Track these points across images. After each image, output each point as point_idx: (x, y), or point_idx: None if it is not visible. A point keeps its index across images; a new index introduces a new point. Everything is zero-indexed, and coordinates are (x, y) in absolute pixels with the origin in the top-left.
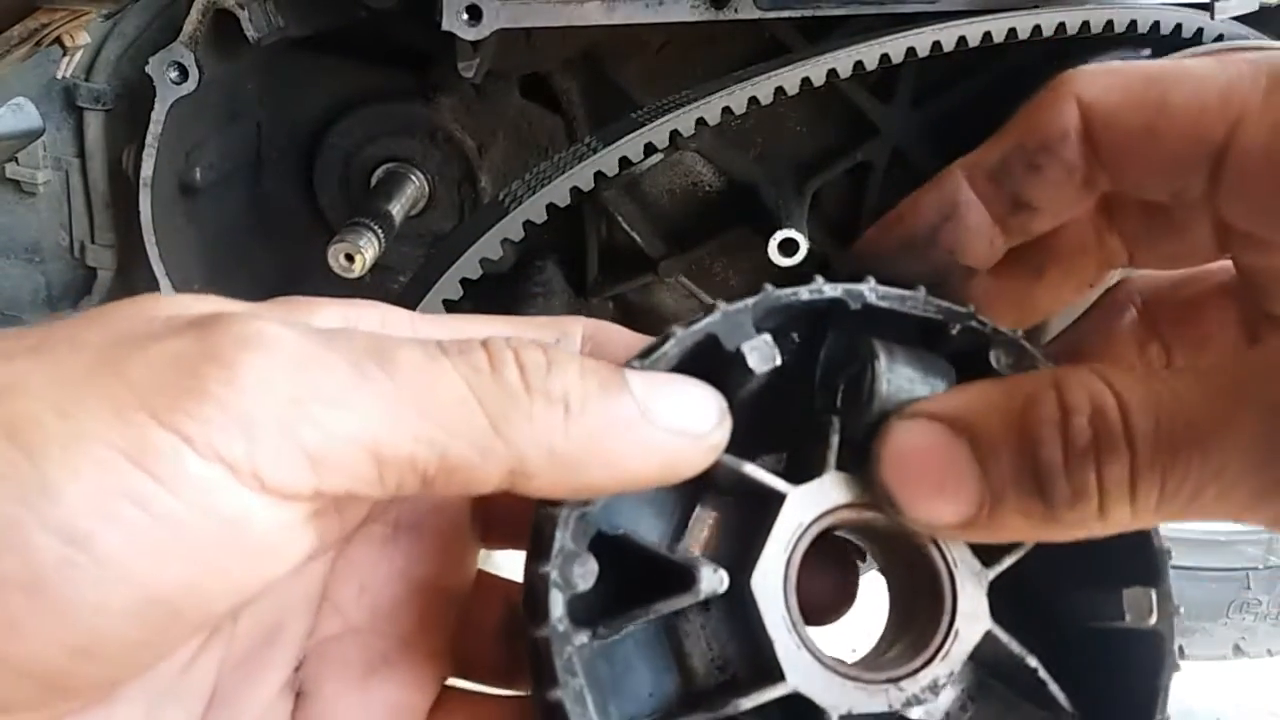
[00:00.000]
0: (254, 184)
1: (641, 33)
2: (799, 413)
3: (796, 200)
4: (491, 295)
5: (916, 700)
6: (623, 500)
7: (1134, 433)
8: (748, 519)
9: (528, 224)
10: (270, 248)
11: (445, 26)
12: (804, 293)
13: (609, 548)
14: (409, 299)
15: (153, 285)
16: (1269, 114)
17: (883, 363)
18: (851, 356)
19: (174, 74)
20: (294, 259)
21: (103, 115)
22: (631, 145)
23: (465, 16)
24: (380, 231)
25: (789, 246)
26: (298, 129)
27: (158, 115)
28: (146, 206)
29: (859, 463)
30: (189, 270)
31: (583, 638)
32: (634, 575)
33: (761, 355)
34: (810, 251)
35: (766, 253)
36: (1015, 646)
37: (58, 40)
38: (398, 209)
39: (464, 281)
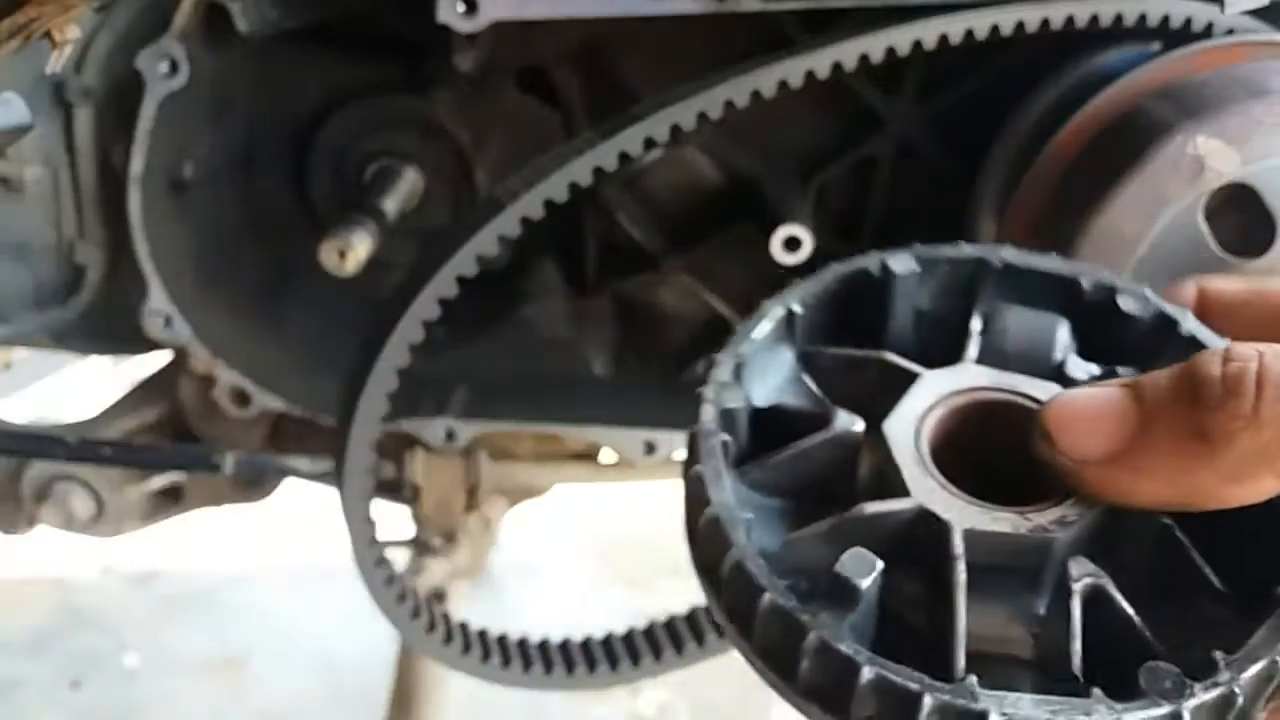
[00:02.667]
0: (245, 180)
1: (641, 25)
2: (942, 353)
3: (800, 196)
4: (488, 292)
5: (1044, 530)
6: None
7: None
8: (889, 401)
9: (525, 220)
10: (262, 244)
11: (440, 19)
12: (948, 249)
13: (759, 421)
14: (403, 297)
15: (142, 283)
16: None
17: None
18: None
19: (164, 68)
20: (286, 255)
21: (92, 110)
22: (631, 140)
23: (461, 8)
24: (374, 227)
25: (793, 243)
26: (290, 123)
27: (147, 110)
28: (135, 203)
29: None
30: (178, 267)
31: (727, 436)
32: (780, 437)
33: (903, 264)
34: (815, 248)
35: (770, 250)
36: (1148, 515)
37: (47, 34)
38: (392, 205)
39: (460, 279)
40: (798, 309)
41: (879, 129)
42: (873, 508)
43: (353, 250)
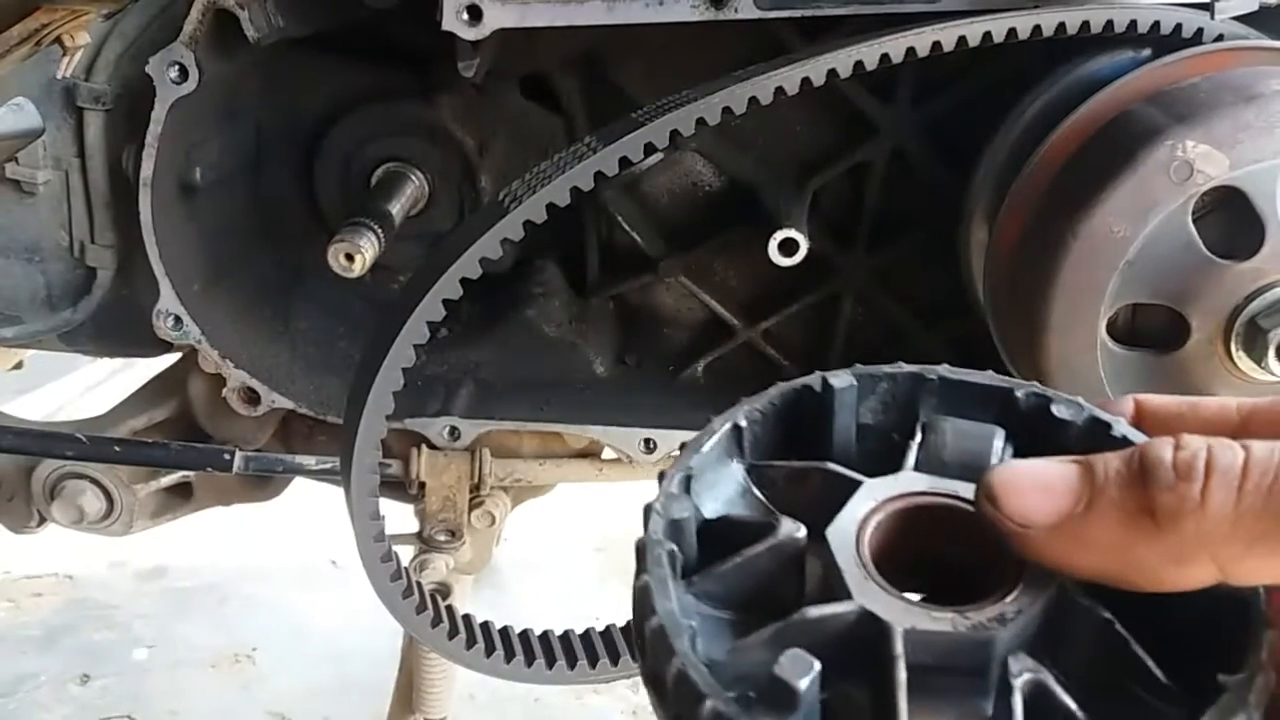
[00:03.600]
0: (254, 184)
1: (641, 32)
2: (884, 463)
3: (797, 200)
4: (491, 295)
5: (984, 628)
6: (720, 501)
7: (1252, 457)
8: (833, 509)
9: (528, 224)
10: (270, 247)
11: (445, 26)
12: (887, 368)
13: (708, 533)
14: (409, 298)
15: (152, 285)
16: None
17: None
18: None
19: (174, 74)
20: (294, 258)
21: (103, 115)
22: (631, 145)
23: (465, 16)
24: (380, 231)
25: (789, 246)
26: (298, 128)
27: (158, 115)
28: (146, 206)
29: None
30: (188, 270)
31: (673, 545)
32: (726, 548)
33: (841, 380)
34: (810, 251)
35: (767, 252)
36: (1087, 600)
37: (58, 40)
38: (398, 208)
39: (464, 281)
40: (744, 423)
41: (873, 135)
42: (815, 611)
43: (360, 253)
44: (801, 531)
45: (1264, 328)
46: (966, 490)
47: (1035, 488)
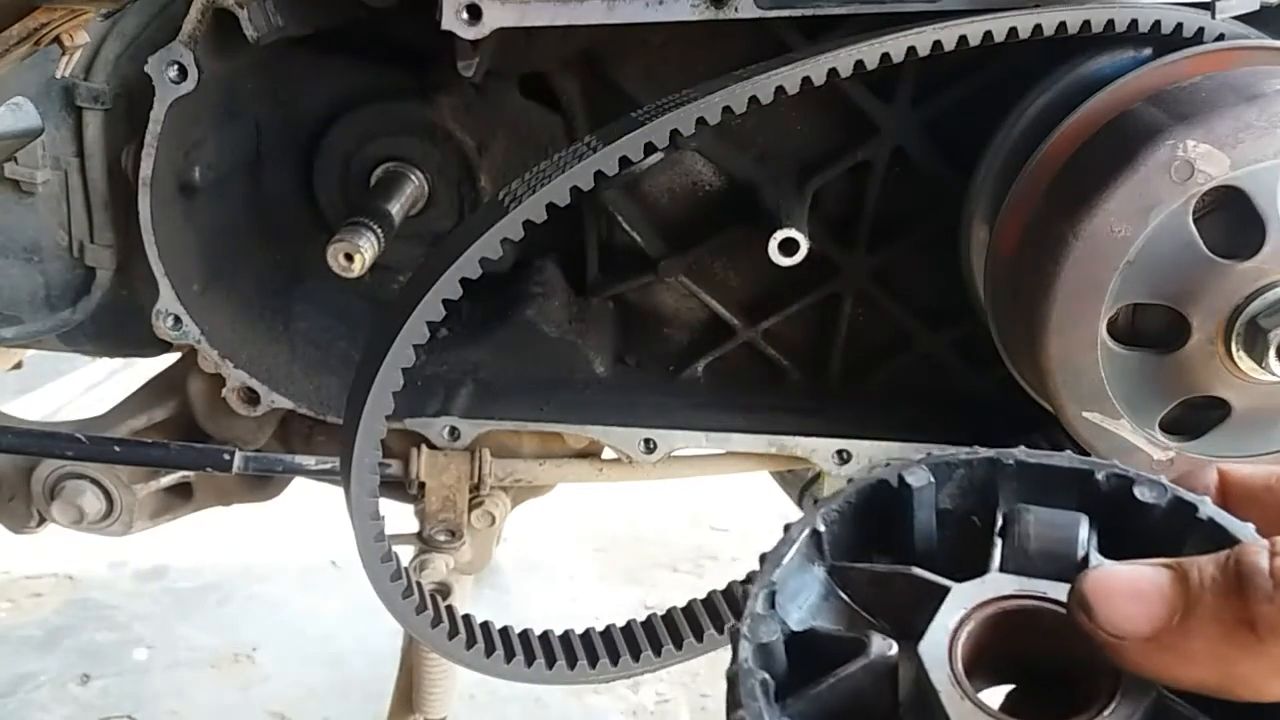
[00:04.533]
0: (253, 183)
1: (642, 32)
2: (967, 553)
3: (797, 199)
4: (491, 295)
5: None
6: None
7: None
8: (920, 614)
9: (528, 223)
10: (269, 247)
11: (445, 26)
12: (963, 453)
13: (797, 645)
14: (409, 298)
15: (152, 285)
16: None
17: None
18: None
19: (173, 73)
20: (293, 258)
21: (101, 114)
22: (631, 144)
23: (465, 15)
24: (380, 231)
25: (789, 246)
26: (297, 128)
27: (157, 114)
28: (146, 206)
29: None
30: (188, 270)
31: (765, 674)
32: (819, 666)
33: (918, 477)
34: (810, 251)
35: (767, 252)
36: (1189, 711)
37: (57, 39)
38: (397, 208)
39: (464, 281)
40: (822, 527)
41: (874, 134)
42: None
43: (360, 253)
44: (893, 649)
45: (1265, 328)
46: (1056, 590)
47: (1128, 596)
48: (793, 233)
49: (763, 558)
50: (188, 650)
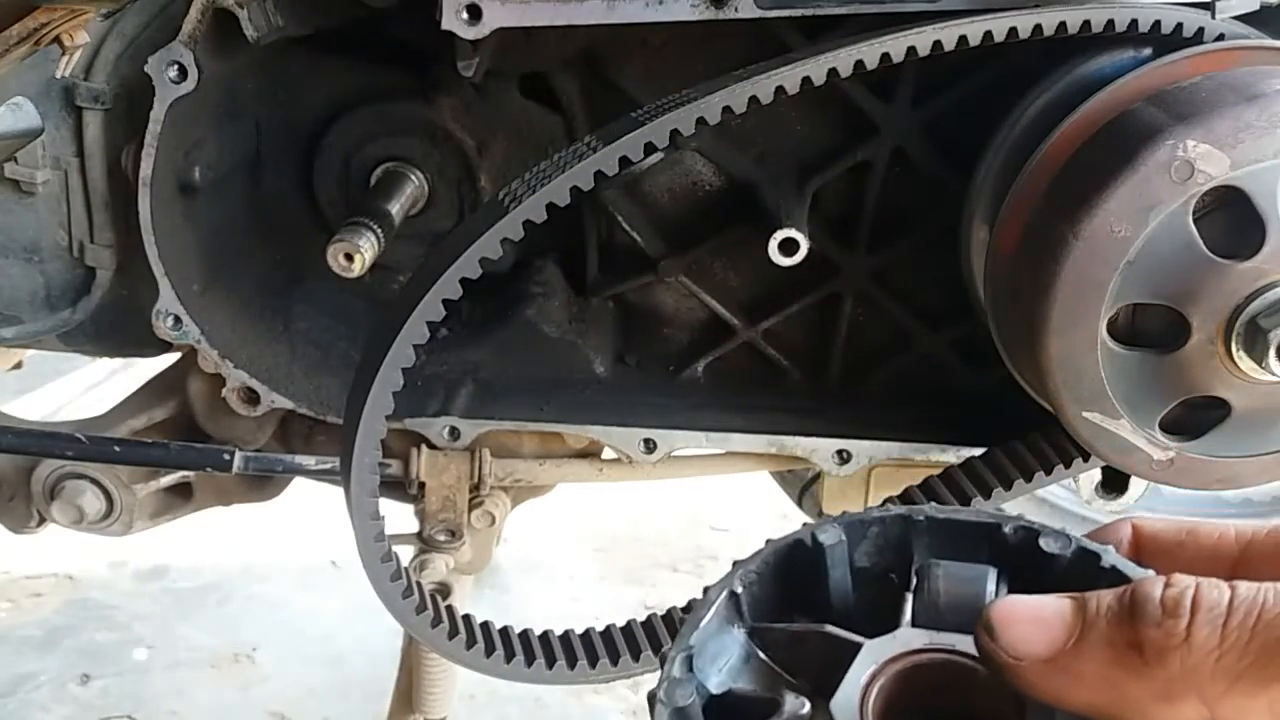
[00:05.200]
0: (253, 183)
1: (642, 32)
2: (882, 610)
3: (797, 199)
4: (491, 295)
5: None
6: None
7: (1236, 596)
8: (835, 671)
9: (527, 223)
10: (269, 247)
11: (445, 25)
12: (875, 510)
13: (715, 708)
14: (408, 298)
15: (152, 285)
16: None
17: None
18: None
19: (173, 73)
20: (293, 258)
21: (101, 114)
22: (631, 144)
23: (465, 15)
24: (380, 231)
25: (789, 246)
26: (297, 128)
27: (157, 114)
28: (145, 206)
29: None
30: (188, 270)
31: None
32: None
33: (830, 535)
34: (810, 251)
35: (767, 252)
36: None
37: (57, 39)
38: (397, 208)
39: (463, 281)
40: (740, 589)
41: (874, 134)
42: None
43: (360, 253)
44: (805, 708)
45: (1265, 328)
46: (964, 643)
47: (1029, 620)
48: (793, 233)
49: (680, 620)
50: (188, 650)
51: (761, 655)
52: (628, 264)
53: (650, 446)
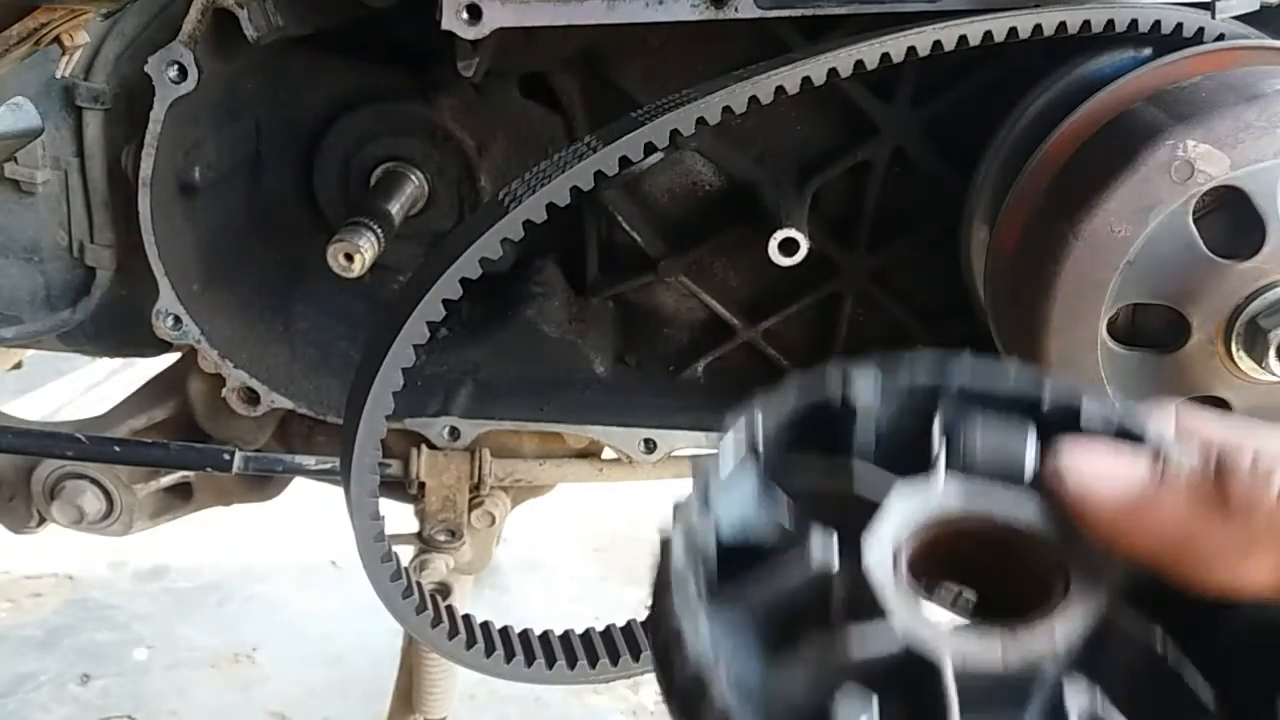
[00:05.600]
0: (253, 183)
1: (641, 32)
2: (907, 459)
3: (797, 199)
4: (491, 295)
5: (1033, 655)
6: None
7: None
8: (861, 515)
9: (527, 223)
10: (269, 247)
11: (445, 25)
12: (905, 372)
13: (730, 551)
14: (409, 298)
15: (152, 285)
16: None
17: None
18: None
19: (173, 73)
20: (293, 258)
21: (101, 114)
22: (631, 144)
23: (465, 15)
24: (380, 231)
25: (789, 246)
26: (297, 128)
27: (157, 114)
28: (145, 206)
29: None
30: (188, 270)
31: (697, 574)
32: (751, 565)
33: (864, 387)
34: (810, 251)
35: (767, 252)
36: (1138, 625)
37: (57, 39)
38: (397, 208)
39: (463, 281)
40: (760, 431)
41: (874, 134)
42: (856, 641)
43: (360, 253)
44: (833, 547)
45: (1264, 328)
46: (1002, 494)
47: (1105, 458)
48: (793, 233)
49: (695, 458)
50: (188, 650)
51: (779, 498)
52: (628, 264)
53: (650, 446)
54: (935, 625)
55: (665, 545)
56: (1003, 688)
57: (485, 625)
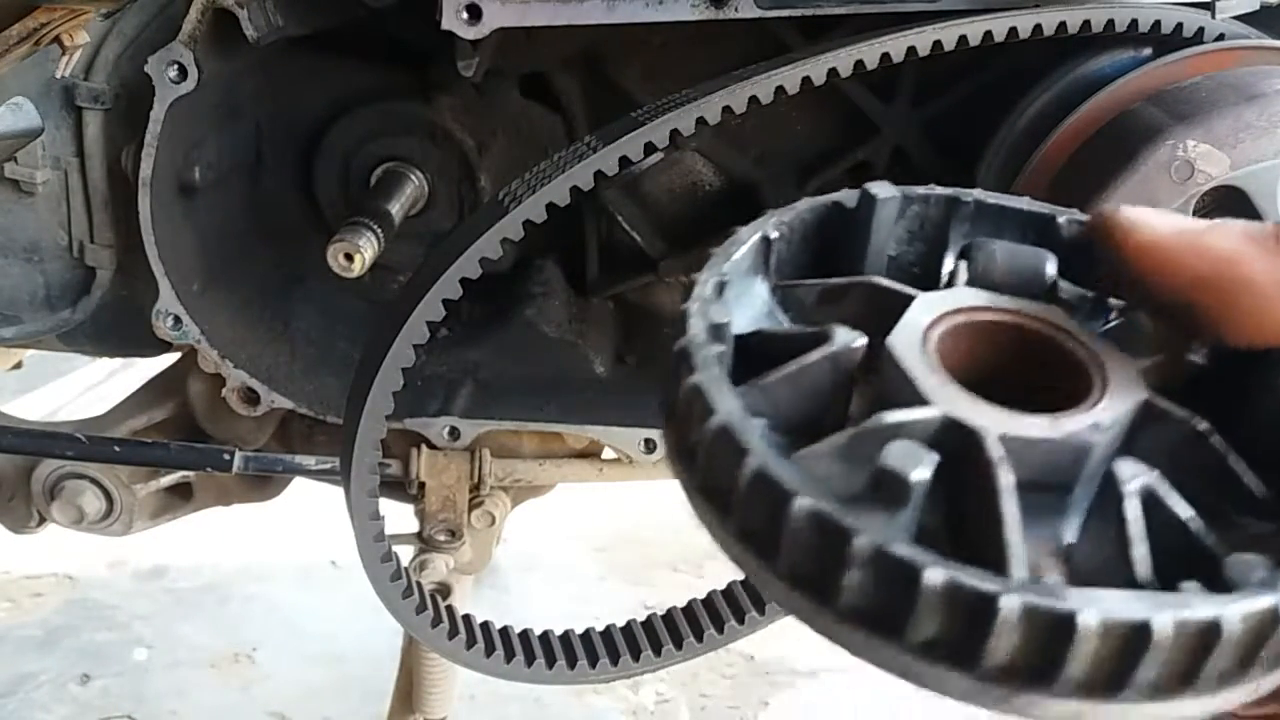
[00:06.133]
0: (253, 183)
1: (642, 32)
2: (922, 281)
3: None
4: (491, 295)
5: (1080, 435)
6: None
7: None
8: (880, 322)
9: (527, 223)
10: (269, 247)
11: (445, 25)
12: (919, 189)
13: (742, 349)
14: (409, 298)
15: (152, 285)
16: None
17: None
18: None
19: (173, 73)
20: (293, 258)
21: (101, 114)
22: (631, 144)
23: (465, 15)
24: (380, 231)
25: None
26: (297, 128)
27: (157, 114)
28: (146, 206)
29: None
30: (188, 270)
31: (721, 347)
32: (769, 362)
33: (883, 189)
34: None
35: None
36: (1180, 411)
37: (57, 39)
38: (397, 208)
39: (464, 281)
40: (773, 235)
41: (874, 134)
42: (893, 416)
43: (359, 253)
44: (861, 340)
45: None
46: (1028, 306)
47: (1159, 211)
48: None
49: (709, 254)
50: (188, 650)
51: (788, 312)
52: (628, 264)
53: (650, 446)
54: (974, 402)
55: (684, 315)
56: (1050, 461)
57: (485, 625)
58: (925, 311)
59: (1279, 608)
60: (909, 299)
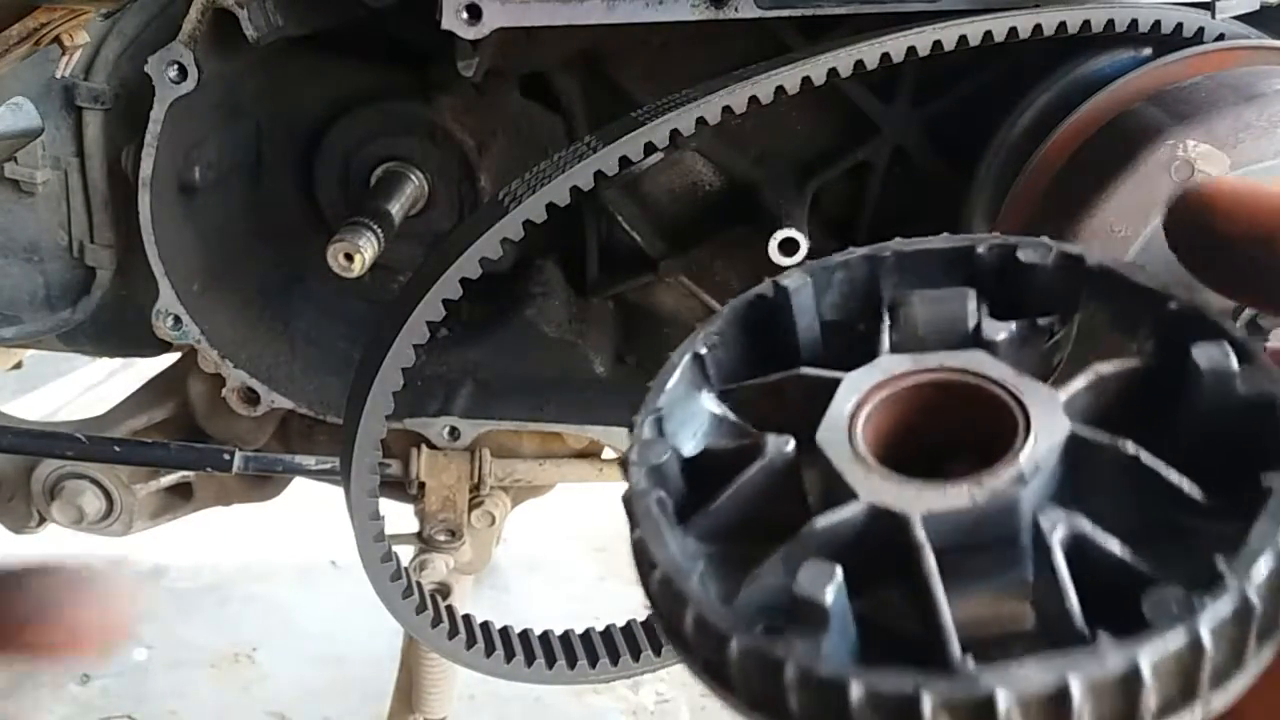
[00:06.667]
0: (253, 183)
1: (641, 32)
2: (856, 351)
3: (797, 200)
4: (491, 295)
5: (1003, 493)
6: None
7: None
8: (816, 413)
9: (528, 223)
10: (269, 247)
11: (445, 25)
12: (838, 256)
13: (693, 471)
14: (409, 298)
15: (152, 285)
16: None
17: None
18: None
19: (173, 73)
20: (293, 258)
21: (101, 114)
22: (631, 144)
23: (465, 15)
24: (379, 231)
25: (789, 246)
26: (297, 128)
27: (157, 114)
28: (146, 206)
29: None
30: (188, 270)
31: (661, 492)
32: (716, 481)
33: (794, 280)
34: (810, 251)
35: (767, 252)
36: (1104, 437)
37: (57, 39)
38: (397, 208)
39: (464, 281)
40: (704, 350)
41: (874, 134)
42: (822, 521)
43: (359, 253)
44: (789, 444)
45: (1265, 328)
46: (950, 358)
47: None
48: (793, 233)
49: (647, 389)
50: (188, 650)
51: (733, 416)
52: (628, 264)
53: None
54: (899, 485)
55: (624, 465)
56: (981, 527)
57: (485, 625)
58: (851, 393)
59: (1197, 637)
60: (836, 383)
